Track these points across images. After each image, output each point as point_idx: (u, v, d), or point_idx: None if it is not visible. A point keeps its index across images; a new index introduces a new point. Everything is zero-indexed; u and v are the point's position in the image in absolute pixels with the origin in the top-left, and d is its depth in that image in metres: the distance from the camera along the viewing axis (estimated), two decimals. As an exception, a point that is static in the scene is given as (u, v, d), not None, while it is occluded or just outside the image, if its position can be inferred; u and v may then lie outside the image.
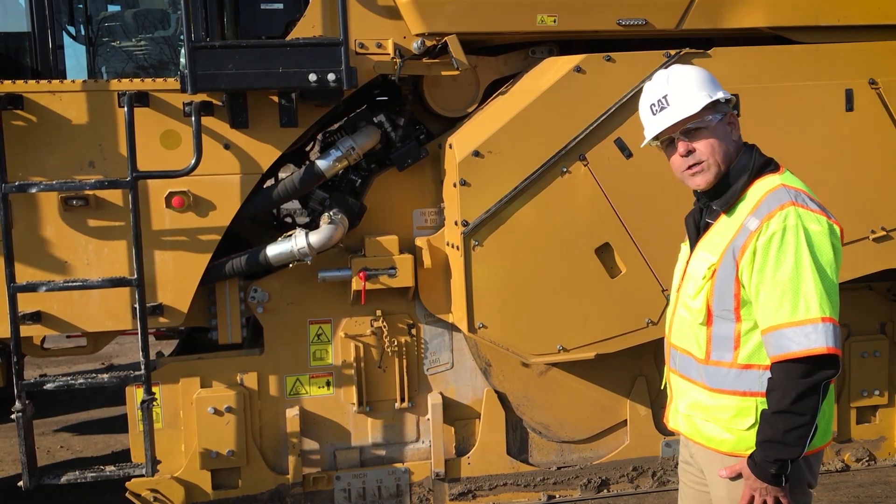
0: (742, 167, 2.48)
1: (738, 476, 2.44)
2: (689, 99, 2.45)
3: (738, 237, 2.39)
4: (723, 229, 2.48)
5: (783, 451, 2.30)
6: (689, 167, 2.48)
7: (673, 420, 2.68)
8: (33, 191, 3.90)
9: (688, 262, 2.61)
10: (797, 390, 2.27)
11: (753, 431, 2.41)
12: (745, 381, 2.43)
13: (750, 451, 2.40)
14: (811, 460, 2.47)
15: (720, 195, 2.49)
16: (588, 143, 4.17)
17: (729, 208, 2.47)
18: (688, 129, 2.46)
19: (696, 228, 2.63)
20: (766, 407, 2.36)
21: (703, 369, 2.51)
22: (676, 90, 2.47)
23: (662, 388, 2.83)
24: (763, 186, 2.44)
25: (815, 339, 2.25)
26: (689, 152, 2.47)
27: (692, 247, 2.62)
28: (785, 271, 2.30)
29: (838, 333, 2.30)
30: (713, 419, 2.49)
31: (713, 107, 2.46)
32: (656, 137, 2.53)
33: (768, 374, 2.38)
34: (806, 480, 2.47)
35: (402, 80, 4.29)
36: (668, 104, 2.48)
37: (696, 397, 2.54)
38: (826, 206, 2.44)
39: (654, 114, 2.51)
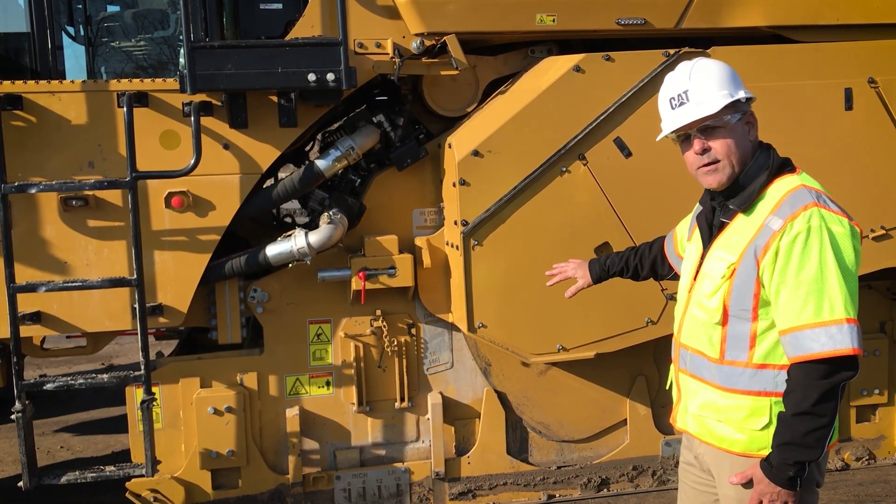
0: (760, 166, 2.45)
1: (750, 481, 2.42)
2: (710, 97, 2.42)
3: (760, 236, 2.37)
4: (741, 228, 2.45)
5: (803, 453, 2.29)
6: (704, 165, 2.46)
7: (681, 420, 2.66)
8: (33, 191, 3.90)
9: (700, 261, 2.58)
10: (819, 391, 2.25)
11: (766, 432, 2.40)
12: (759, 380, 2.42)
13: (762, 452, 2.39)
14: (820, 460, 2.46)
15: (736, 194, 2.47)
16: (587, 143, 4.17)
17: (747, 207, 2.44)
18: (705, 126, 2.43)
19: (709, 227, 2.60)
20: (780, 408, 2.35)
21: (717, 369, 2.49)
22: (698, 86, 2.44)
23: (668, 387, 2.80)
24: (783, 186, 2.42)
25: (841, 340, 2.24)
26: (705, 150, 2.44)
27: (706, 246, 2.59)
28: (809, 272, 2.28)
29: (860, 335, 2.28)
30: (726, 419, 2.48)
31: (733, 106, 2.43)
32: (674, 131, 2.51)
33: (783, 374, 2.36)
34: (814, 480, 2.45)
35: (402, 80, 4.30)
36: (687, 100, 2.44)
37: (708, 397, 2.52)
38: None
39: (672, 108, 2.48)
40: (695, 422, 2.58)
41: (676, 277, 2.96)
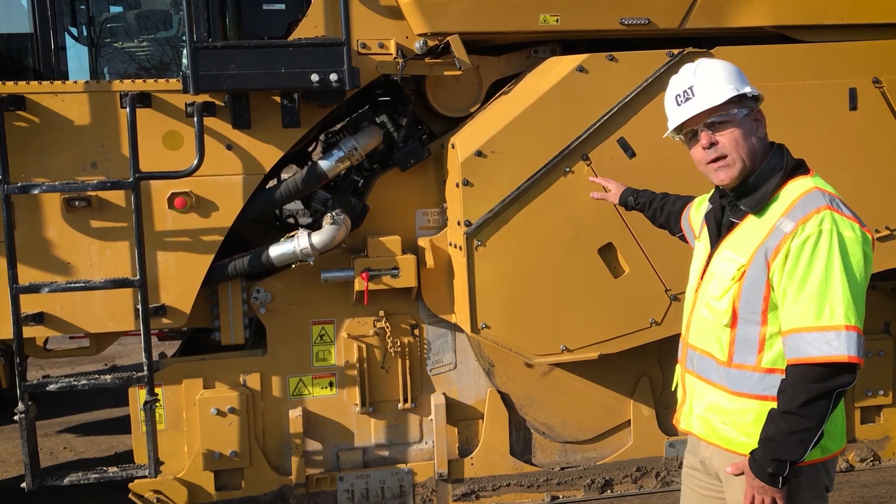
0: (774, 167, 2.43)
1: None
2: (715, 90, 2.41)
3: (771, 238, 2.35)
4: (751, 230, 2.43)
5: (783, 451, 2.27)
6: (712, 161, 2.44)
7: (685, 421, 2.64)
8: (36, 192, 3.90)
9: (708, 261, 2.57)
10: (808, 394, 2.24)
11: None
12: (767, 385, 2.39)
13: None
14: (828, 465, 2.45)
15: (748, 194, 2.45)
16: (591, 143, 4.16)
17: (760, 209, 2.42)
18: (712, 121, 2.42)
19: (718, 227, 2.58)
20: None
21: (725, 372, 2.47)
22: (702, 81, 2.44)
23: (674, 388, 2.77)
24: (797, 188, 2.40)
25: (837, 347, 2.22)
26: (712, 144, 2.43)
27: (713, 245, 2.57)
28: (815, 275, 2.26)
29: (862, 343, 2.25)
30: (732, 422, 2.46)
31: (739, 101, 2.42)
32: (680, 128, 2.49)
33: None
34: (823, 484, 2.45)
35: (405, 81, 4.28)
36: (693, 95, 2.44)
37: (715, 400, 2.50)
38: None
39: (678, 104, 2.48)
40: (700, 423, 2.56)
41: (683, 239, 3.06)
